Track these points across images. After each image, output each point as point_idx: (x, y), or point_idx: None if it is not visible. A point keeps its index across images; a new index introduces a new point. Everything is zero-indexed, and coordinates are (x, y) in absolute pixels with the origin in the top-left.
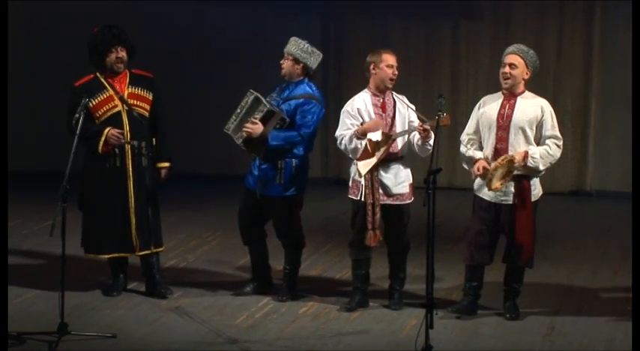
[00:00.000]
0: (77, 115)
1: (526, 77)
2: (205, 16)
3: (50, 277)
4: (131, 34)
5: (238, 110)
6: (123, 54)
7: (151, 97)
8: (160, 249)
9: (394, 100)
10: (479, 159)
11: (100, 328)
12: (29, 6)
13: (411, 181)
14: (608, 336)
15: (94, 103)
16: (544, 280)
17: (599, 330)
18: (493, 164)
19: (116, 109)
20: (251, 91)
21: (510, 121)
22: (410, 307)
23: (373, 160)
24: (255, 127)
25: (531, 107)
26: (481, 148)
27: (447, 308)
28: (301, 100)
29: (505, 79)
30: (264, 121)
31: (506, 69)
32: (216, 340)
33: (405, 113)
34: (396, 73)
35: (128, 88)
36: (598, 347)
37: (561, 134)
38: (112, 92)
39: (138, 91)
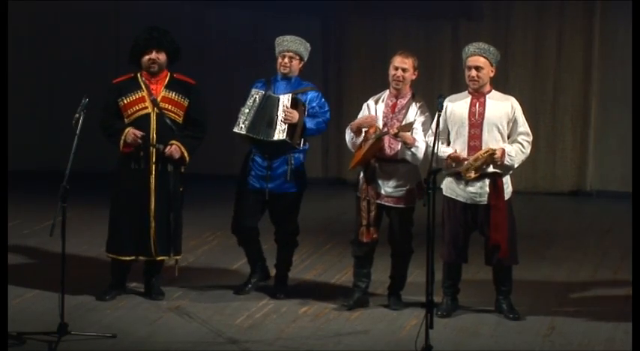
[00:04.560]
0: (77, 115)
1: (492, 75)
2: (205, 17)
3: (50, 277)
4: (131, 34)
5: (247, 110)
6: (158, 56)
7: (186, 103)
8: (179, 257)
9: (411, 104)
10: (452, 153)
11: (100, 328)
12: (30, 6)
13: (411, 186)
14: (608, 336)
15: (125, 101)
16: (544, 280)
17: (599, 330)
18: (476, 155)
19: (145, 111)
20: (255, 89)
21: (483, 118)
22: (410, 307)
23: (360, 154)
24: (293, 113)
25: (502, 105)
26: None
27: (436, 312)
28: (309, 92)
29: (473, 82)
30: (292, 108)
31: (473, 73)
32: (216, 340)
33: (412, 119)
34: (402, 75)
35: (163, 91)
36: (598, 347)
37: (561, 134)
38: (145, 93)
39: (172, 95)
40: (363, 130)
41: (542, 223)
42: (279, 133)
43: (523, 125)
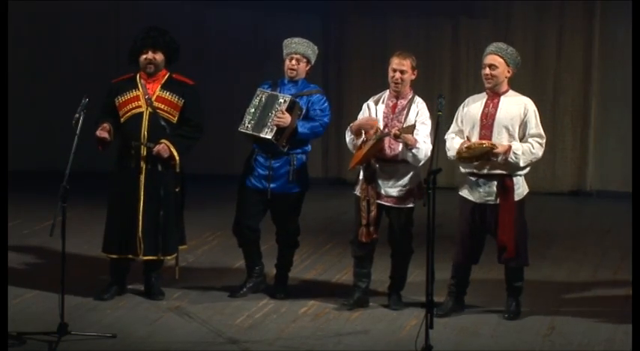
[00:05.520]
0: (77, 115)
1: (508, 75)
2: (205, 17)
3: (50, 277)
4: (131, 34)
5: (252, 109)
6: (154, 57)
7: (181, 104)
8: (169, 257)
9: (412, 105)
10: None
11: (100, 328)
12: (29, 6)
13: (411, 186)
14: (608, 336)
15: (120, 100)
16: (544, 280)
17: (599, 330)
18: (469, 143)
19: (138, 110)
20: (261, 89)
21: (494, 120)
22: (410, 307)
23: (360, 155)
24: (285, 117)
25: (515, 106)
26: None
27: (436, 311)
28: (314, 95)
29: (487, 80)
30: (288, 111)
31: (487, 70)
32: (216, 340)
33: (413, 120)
34: (400, 76)
35: (159, 90)
36: (598, 347)
37: (561, 134)
38: (139, 92)
39: (167, 95)
40: (363, 131)
41: (542, 223)
42: (267, 132)
43: (536, 127)
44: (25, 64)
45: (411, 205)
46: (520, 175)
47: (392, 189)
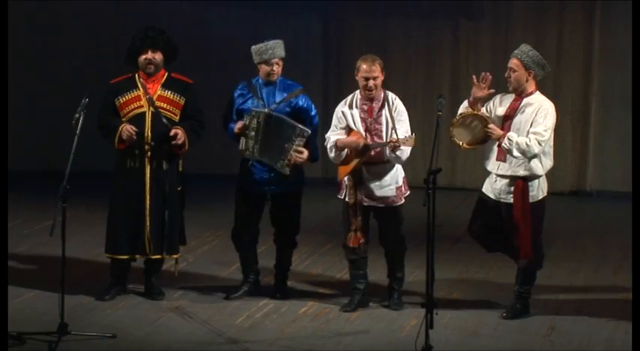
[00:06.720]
0: (77, 115)
1: (530, 77)
2: (205, 16)
3: (50, 277)
4: (131, 35)
5: (252, 133)
6: (154, 56)
7: (182, 102)
8: (175, 256)
9: (386, 104)
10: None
11: (100, 328)
12: (29, 5)
13: (399, 184)
14: (608, 336)
15: (121, 100)
16: (544, 280)
17: (599, 330)
18: (467, 110)
19: (141, 110)
20: (256, 109)
21: (511, 122)
22: (410, 307)
23: (349, 167)
24: (304, 155)
25: (530, 108)
26: None
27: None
28: (299, 97)
29: (508, 83)
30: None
31: (506, 74)
32: (216, 340)
33: (389, 120)
34: (374, 83)
35: (160, 90)
36: (598, 347)
37: (561, 134)
38: (140, 92)
39: (168, 94)
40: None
41: None
42: (284, 166)
43: (539, 126)
44: (25, 64)
45: (400, 204)
46: (537, 178)
47: (380, 190)
